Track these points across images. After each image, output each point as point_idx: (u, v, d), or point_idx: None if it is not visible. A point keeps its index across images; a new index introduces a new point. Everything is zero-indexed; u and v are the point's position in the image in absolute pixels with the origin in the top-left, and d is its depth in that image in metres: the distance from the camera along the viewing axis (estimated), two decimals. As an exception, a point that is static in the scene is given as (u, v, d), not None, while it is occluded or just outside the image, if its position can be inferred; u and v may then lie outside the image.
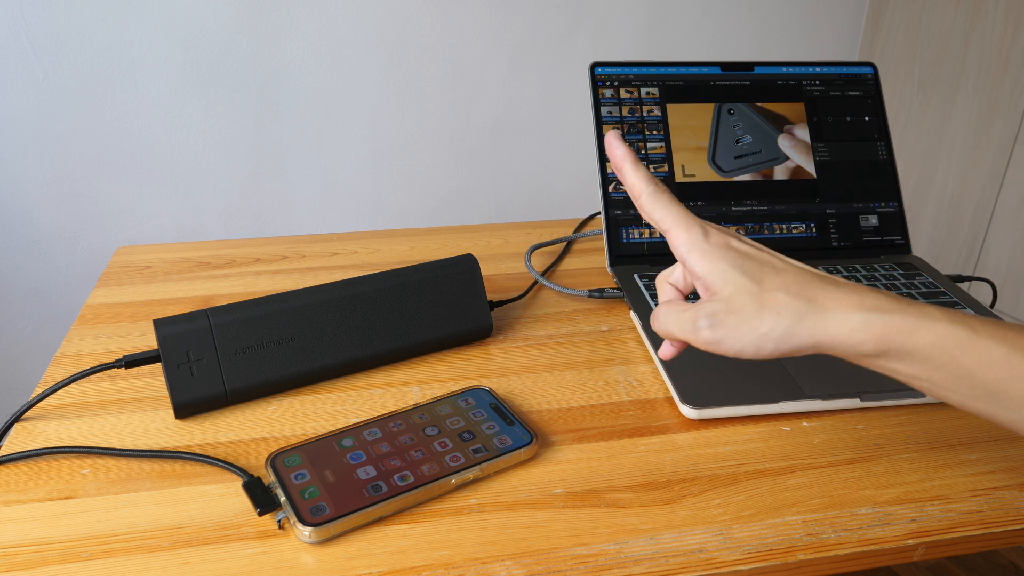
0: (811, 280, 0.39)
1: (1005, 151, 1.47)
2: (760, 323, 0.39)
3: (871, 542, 0.44)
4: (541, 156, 1.72)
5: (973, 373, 0.37)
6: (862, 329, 0.38)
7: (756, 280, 0.39)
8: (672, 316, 0.42)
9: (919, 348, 0.37)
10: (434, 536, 0.44)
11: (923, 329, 0.37)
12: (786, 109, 0.78)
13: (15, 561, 0.41)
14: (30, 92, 1.37)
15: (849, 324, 0.38)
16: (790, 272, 0.40)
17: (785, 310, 0.38)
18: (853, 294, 0.39)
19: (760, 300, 0.39)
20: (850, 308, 0.38)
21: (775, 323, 0.38)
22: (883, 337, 0.37)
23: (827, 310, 0.38)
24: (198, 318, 0.53)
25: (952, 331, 0.37)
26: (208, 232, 1.57)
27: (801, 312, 0.38)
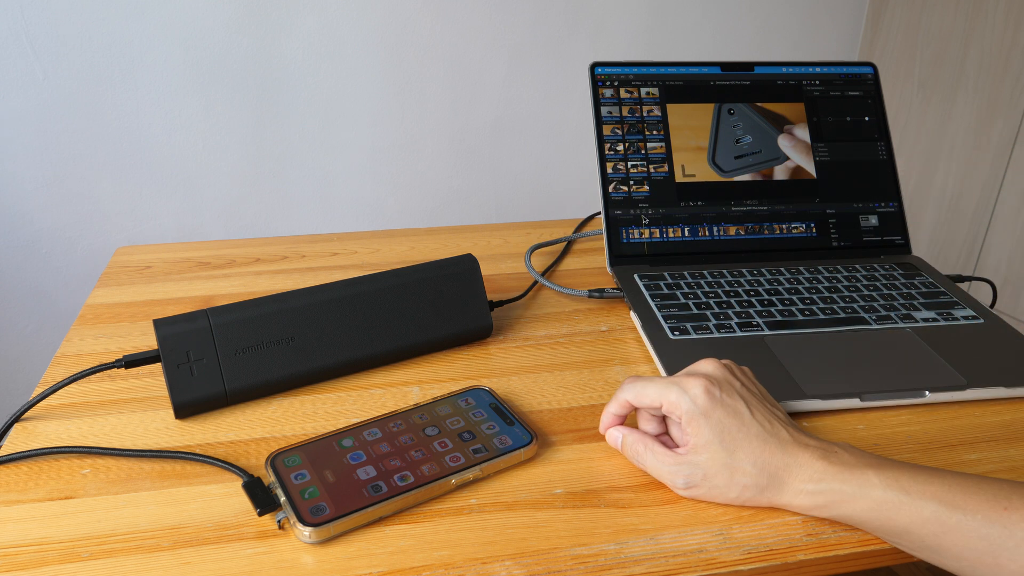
0: (775, 451, 0.45)
1: (1005, 151, 1.47)
2: (728, 490, 0.45)
3: (871, 542, 0.44)
4: (541, 156, 1.72)
5: (910, 531, 0.41)
6: (810, 500, 0.44)
7: (730, 451, 0.45)
8: (652, 460, 0.47)
9: (859, 514, 0.42)
10: (434, 536, 0.44)
11: (860, 498, 0.42)
12: (786, 109, 0.78)
13: (15, 561, 0.41)
14: (30, 92, 1.37)
15: (799, 497, 0.44)
16: (758, 441, 0.45)
17: (750, 484, 0.45)
18: (804, 468, 0.44)
19: (730, 471, 0.45)
20: (802, 481, 0.44)
21: (740, 493, 0.45)
22: (828, 507, 0.43)
23: (783, 484, 0.44)
24: (198, 318, 0.53)
25: (886, 497, 0.42)
26: (208, 232, 1.57)
27: (762, 487, 0.45)
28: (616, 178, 0.74)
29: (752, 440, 0.45)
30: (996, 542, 0.39)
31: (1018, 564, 0.39)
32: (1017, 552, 0.39)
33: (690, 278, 0.70)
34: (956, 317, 0.64)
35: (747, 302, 0.66)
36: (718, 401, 0.46)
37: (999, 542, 0.39)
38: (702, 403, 0.46)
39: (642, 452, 0.48)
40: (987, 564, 0.39)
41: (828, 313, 0.65)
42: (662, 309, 0.65)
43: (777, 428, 0.46)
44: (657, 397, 0.47)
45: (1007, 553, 0.39)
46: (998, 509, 0.40)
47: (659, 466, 0.47)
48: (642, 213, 0.74)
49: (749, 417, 0.46)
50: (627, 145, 0.75)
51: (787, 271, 0.71)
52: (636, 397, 0.48)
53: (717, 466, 0.45)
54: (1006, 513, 0.40)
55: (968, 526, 0.40)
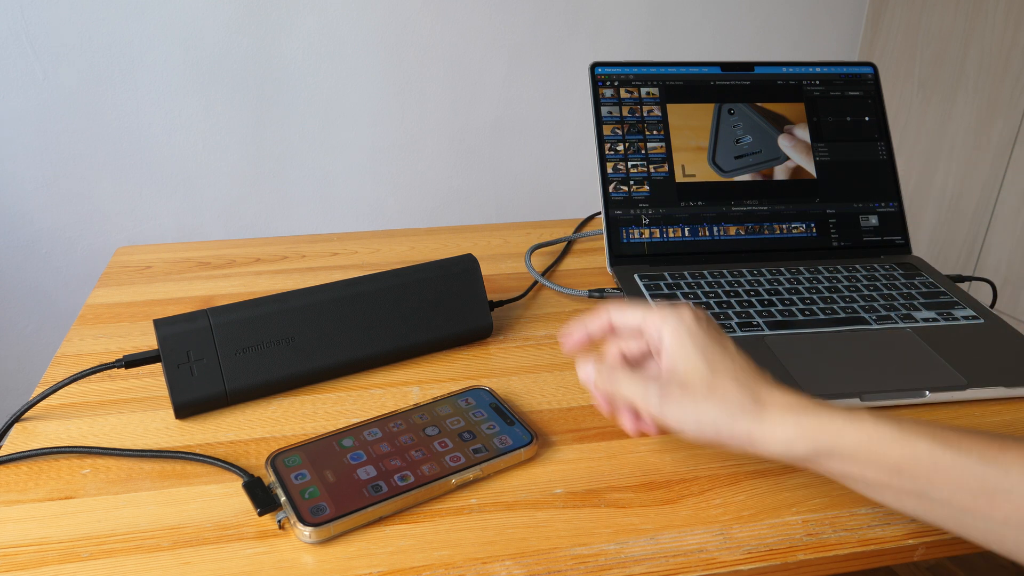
0: (757, 376, 0.42)
1: (1005, 151, 1.47)
2: (705, 406, 0.41)
3: (871, 542, 0.44)
4: (541, 156, 1.72)
5: (901, 468, 0.38)
6: (794, 428, 0.40)
7: (711, 366, 0.42)
8: (625, 380, 0.45)
9: (848, 446, 0.39)
10: (434, 536, 0.44)
11: (851, 428, 0.39)
12: (786, 109, 0.78)
13: (15, 561, 0.41)
14: (30, 92, 1.37)
15: (783, 424, 0.40)
16: (743, 363, 0.43)
17: (731, 401, 0.41)
18: (789, 395, 0.41)
19: (710, 385, 0.42)
20: (785, 408, 0.41)
21: (718, 412, 0.41)
22: (814, 437, 0.40)
23: (765, 407, 0.41)
24: (198, 318, 0.53)
25: (878, 428, 0.39)
26: (208, 232, 1.57)
27: (744, 406, 0.41)
28: (616, 178, 0.74)
29: (736, 361, 0.43)
30: (991, 482, 0.37)
31: (1013, 505, 0.37)
32: (1013, 493, 0.37)
33: (690, 278, 0.70)
34: (956, 317, 0.64)
35: (747, 302, 0.66)
36: (704, 325, 0.44)
37: (994, 482, 0.37)
38: (689, 322, 0.44)
39: (617, 375, 0.45)
40: (980, 506, 0.37)
41: (828, 313, 0.65)
42: (662, 309, 0.64)
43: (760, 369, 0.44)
44: (639, 318, 0.46)
45: (1002, 494, 0.37)
46: (993, 449, 0.38)
47: (633, 385, 0.44)
48: (642, 213, 0.74)
49: (734, 349, 0.44)
50: (627, 145, 0.75)
51: (787, 271, 0.71)
52: (617, 314, 0.47)
53: (697, 380, 0.42)
54: (1002, 453, 0.37)
55: (962, 464, 0.37)
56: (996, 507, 0.37)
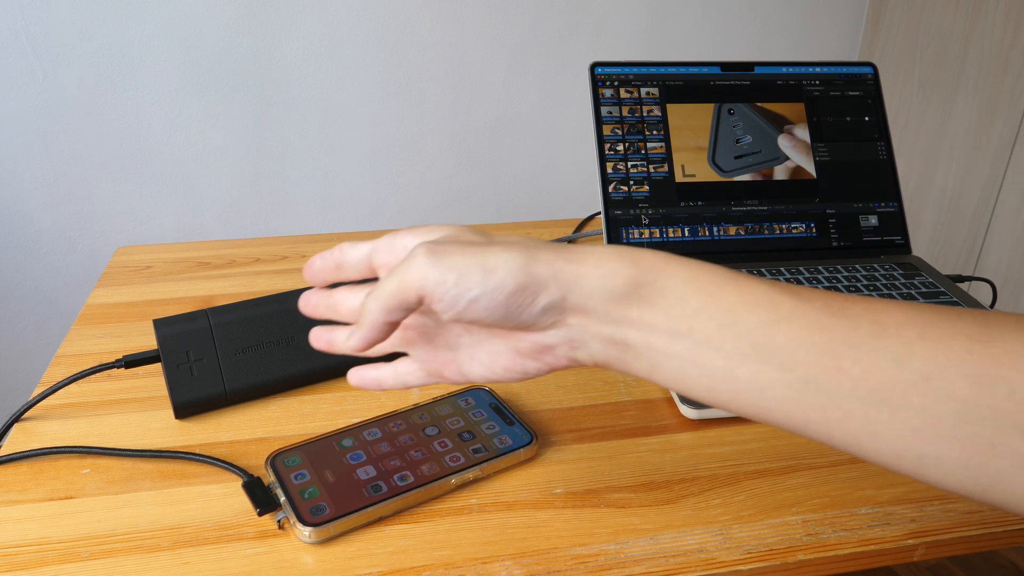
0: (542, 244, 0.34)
1: (1005, 151, 1.47)
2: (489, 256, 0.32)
3: (871, 542, 0.44)
4: (541, 156, 1.72)
5: (736, 316, 0.31)
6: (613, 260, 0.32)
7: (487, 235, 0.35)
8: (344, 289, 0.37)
9: (674, 285, 0.32)
10: (434, 536, 0.44)
11: (676, 263, 0.32)
12: (786, 109, 0.78)
13: (15, 561, 0.41)
14: (30, 92, 1.37)
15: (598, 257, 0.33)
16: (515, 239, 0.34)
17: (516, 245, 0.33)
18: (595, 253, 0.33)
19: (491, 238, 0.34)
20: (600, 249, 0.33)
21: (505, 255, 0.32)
22: (633, 271, 0.32)
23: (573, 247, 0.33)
24: (198, 318, 0.53)
25: (708, 267, 0.32)
26: (208, 232, 1.57)
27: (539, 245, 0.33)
28: (616, 178, 0.74)
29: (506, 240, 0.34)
30: (837, 336, 0.30)
31: (862, 368, 0.29)
32: (864, 350, 0.29)
33: (690, 278, 0.70)
34: (956, 317, 0.64)
35: (747, 302, 0.66)
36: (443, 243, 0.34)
37: (840, 336, 0.30)
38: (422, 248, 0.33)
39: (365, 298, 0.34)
40: (826, 368, 0.30)
41: (828, 313, 0.64)
42: (662, 309, 0.64)
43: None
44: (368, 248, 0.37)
45: (850, 351, 0.30)
46: (839, 300, 0.31)
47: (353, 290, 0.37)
48: (642, 213, 0.74)
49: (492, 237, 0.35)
50: (627, 145, 0.75)
51: (787, 271, 0.71)
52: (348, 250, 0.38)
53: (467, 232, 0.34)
54: (848, 304, 0.31)
55: (805, 312, 0.30)
56: (843, 371, 0.30)
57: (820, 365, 0.30)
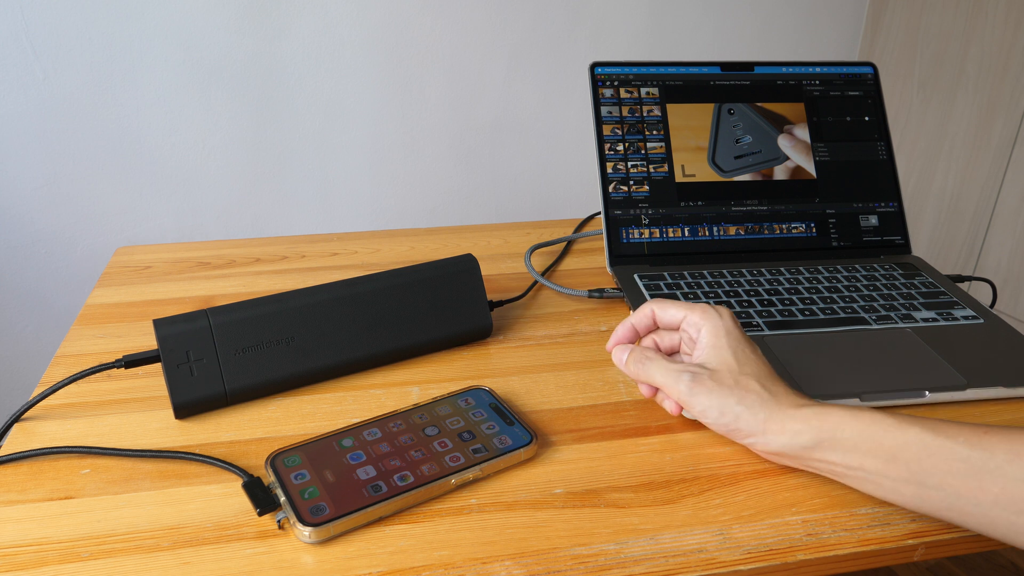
0: (775, 376, 0.48)
1: (1005, 151, 1.47)
2: (729, 398, 0.47)
3: (871, 542, 0.44)
4: (541, 156, 1.72)
5: (895, 455, 0.42)
6: (801, 421, 0.44)
7: (740, 363, 0.48)
8: (658, 366, 0.50)
9: (848, 435, 0.43)
10: (434, 536, 0.44)
11: (850, 418, 0.43)
12: (786, 109, 0.78)
13: (15, 561, 0.41)
14: (30, 92, 1.37)
15: (792, 418, 0.45)
16: (764, 367, 0.49)
17: (751, 395, 0.46)
18: (799, 396, 0.47)
19: (735, 379, 0.47)
20: (795, 406, 0.45)
21: (739, 403, 0.46)
22: (818, 426, 0.44)
23: (779, 403, 0.46)
24: (198, 318, 0.53)
25: (875, 418, 0.43)
26: (208, 232, 1.57)
27: (762, 400, 0.46)
28: (616, 178, 0.74)
29: (759, 363, 0.49)
30: (977, 464, 0.40)
31: (999, 487, 0.39)
32: (999, 473, 0.39)
33: (690, 278, 0.70)
34: (956, 317, 0.64)
35: (747, 302, 0.66)
36: (738, 328, 0.50)
37: (980, 463, 0.40)
38: (727, 323, 0.50)
39: (650, 359, 0.50)
40: (970, 488, 0.40)
41: (828, 313, 0.65)
42: (662, 309, 0.64)
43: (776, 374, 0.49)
44: (680, 311, 0.52)
45: (989, 475, 0.39)
46: (978, 433, 0.41)
47: (666, 369, 0.49)
48: (642, 213, 0.74)
49: (759, 353, 0.50)
50: (627, 145, 0.75)
51: (787, 271, 0.71)
52: (659, 307, 0.53)
53: (725, 370, 0.48)
54: (986, 437, 0.40)
55: (950, 448, 0.40)
56: (985, 489, 0.39)
57: (966, 486, 0.40)
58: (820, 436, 0.44)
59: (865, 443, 0.42)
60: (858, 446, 0.43)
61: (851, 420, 0.43)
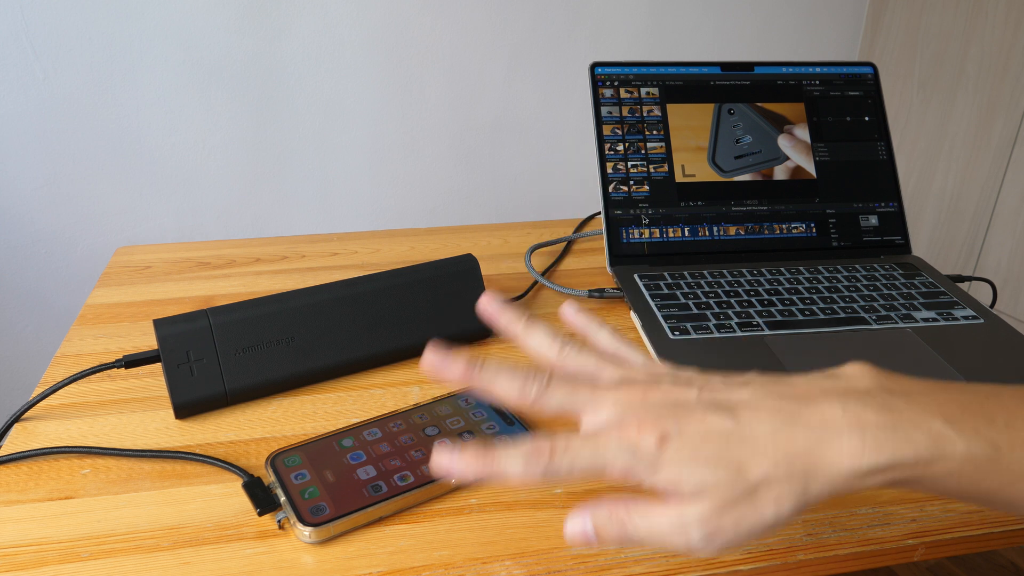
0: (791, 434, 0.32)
1: (1005, 151, 1.48)
2: (764, 515, 0.32)
3: (871, 542, 0.44)
4: (541, 157, 1.72)
5: (995, 493, 0.33)
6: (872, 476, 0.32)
7: (728, 466, 0.32)
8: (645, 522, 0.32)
9: (935, 479, 0.32)
10: (434, 536, 0.44)
11: (938, 462, 0.32)
12: (786, 109, 0.78)
13: (15, 561, 0.41)
14: (30, 92, 1.37)
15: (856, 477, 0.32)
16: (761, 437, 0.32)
17: (785, 493, 0.32)
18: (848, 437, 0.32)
19: (748, 489, 0.32)
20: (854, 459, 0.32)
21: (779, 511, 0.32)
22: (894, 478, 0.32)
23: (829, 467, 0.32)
24: (198, 318, 0.53)
25: (971, 456, 0.32)
26: (208, 232, 1.57)
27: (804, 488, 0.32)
28: (616, 178, 0.74)
29: (754, 441, 0.32)
30: None
31: None
32: None
33: (690, 278, 0.70)
34: (956, 317, 0.64)
35: (747, 302, 0.66)
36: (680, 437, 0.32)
37: None
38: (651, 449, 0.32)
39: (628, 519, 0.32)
40: None
41: (828, 313, 0.65)
42: (662, 309, 0.65)
43: (773, 402, 0.33)
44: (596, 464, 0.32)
45: None
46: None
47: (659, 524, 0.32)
48: (642, 213, 0.74)
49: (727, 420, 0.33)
50: (627, 145, 0.75)
51: (787, 271, 0.71)
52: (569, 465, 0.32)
53: (727, 492, 0.31)
54: None
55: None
56: None
57: None
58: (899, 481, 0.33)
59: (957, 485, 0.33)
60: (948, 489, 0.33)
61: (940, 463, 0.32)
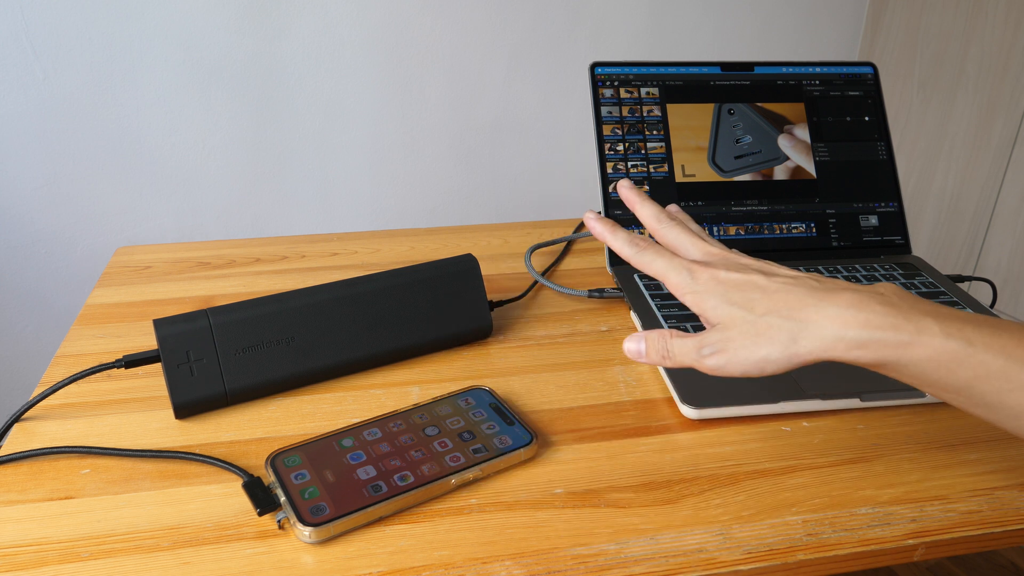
0: (802, 297, 0.40)
1: (1005, 151, 1.47)
2: (758, 349, 0.40)
3: (871, 542, 0.44)
4: (541, 157, 1.72)
5: (970, 386, 0.37)
6: (856, 347, 0.38)
7: (747, 308, 0.41)
8: (677, 343, 0.44)
9: (914, 363, 0.38)
10: (434, 536, 0.44)
11: (917, 345, 0.38)
12: (786, 109, 0.78)
13: (15, 561, 0.41)
14: (30, 92, 1.37)
15: (843, 342, 0.39)
16: (780, 293, 0.41)
17: (779, 334, 0.40)
18: (846, 309, 0.39)
19: (754, 327, 0.41)
20: (844, 326, 0.39)
21: (771, 347, 0.40)
22: (877, 354, 0.38)
23: (821, 328, 0.39)
24: (198, 318, 0.53)
25: (947, 346, 0.37)
26: (208, 232, 1.57)
27: (795, 334, 0.39)
28: (616, 178, 0.74)
29: (772, 295, 0.41)
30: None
31: None
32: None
33: (690, 278, 0.70)
34: (956, 317, 0.64)
35: (747, 302, 0.66)
36: (723, 280, 0.43)
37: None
38: (705, 283, 0.43)
39: (667, 342, 0.44)
40: None
41: (828, 313, 0.64)
42: (662, 309, 0.65)
43: (803, 280, 0.42)
44: (662, 271, 0.45)
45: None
46: None
47: (684, 345, 0.43)
48: (642, 213, 0.74)
49: (764, 280, 0.42)
50: (627, 145, 0.75)
51: (787, 271, 0.71)
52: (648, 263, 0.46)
53: (739, 326, 0.41)
54: None
55: None
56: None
57: None
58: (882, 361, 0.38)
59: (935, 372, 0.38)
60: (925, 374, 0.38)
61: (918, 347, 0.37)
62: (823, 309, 0.39)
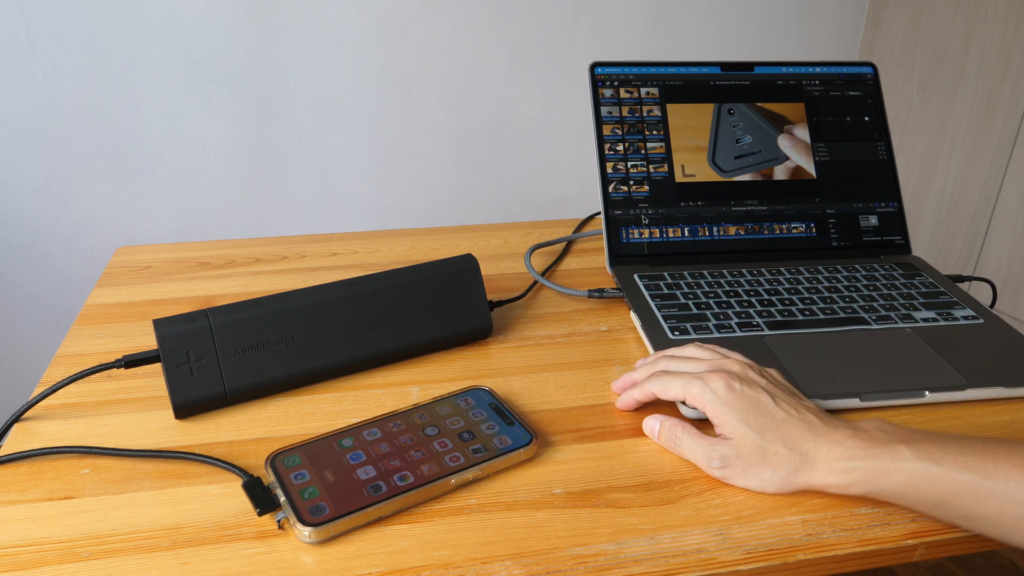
0: (804, 432, 0.46)
1: (1005, 151, 1.47)
2: (762, 471, 0.46)
3: (871, 542, 0.44)
4: (541, 156, 1.72)
5: (946, 500, 0.42)
6: (845, 477, 0.44)
7: (759, 432, 0.46)
8: (688, 443, 0.49)
9: (894, 488, 0.43)
10: (434, 536, 0.44)
11: (893, 471, 0.43)
12: (786, 109, 0.78)
13: (15, 561, 0.41)
14: (30, 92, 1.37)
15: (834, 476, 0.45)
16: (785, 424, 0.47)
17: (782, 463, 0.46)
18: (836, 446, 0.45)
19: (762, 452, 0.46)
20: (835, 460, 0.45)
21: (774, 473, 0.46)
22: (862, 482, 0.44)
23: (816, 462, 0.45)
24: (198, 318, 0.53)
25: (919, 468, 0.42)
26: (208, 232, 1.57)
27: (796, 465, 0.46)
28: (616, 178, 0.74)
29: (780, 425, 0.47)
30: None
31: None
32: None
33: (690, 278, 0.70)
34: (956, 317, 0.64)
35: (747, 302, 0.66)
36: (739, 393, 0.48)
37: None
38: (723, 395, 0.48)
39: (679, 436, 0.49)
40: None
41: (828, 313, 0.65)
42: (662, 309, 0.65)
43: (805, 415, 0.47)
44: (681, 392, 0.50)
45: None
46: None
47: (695, 448, 0.48)
48: (642, 213, 0.74)
49: (773, 406, 0.47)
50: (627, 145, 0.75)
51: (787, 271, 0.71)
52: (662, 390, 0.52)
53: (749, 447, 0.46)
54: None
55: (1002, 493, 0.41)
56: None
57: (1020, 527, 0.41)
58: (868, 489, 0.44)
59: (914, 492, 0.43)
60: (905, 495, 0.43)
61: (894, 472, 0.43)
62: (820, 446, 0.45)
